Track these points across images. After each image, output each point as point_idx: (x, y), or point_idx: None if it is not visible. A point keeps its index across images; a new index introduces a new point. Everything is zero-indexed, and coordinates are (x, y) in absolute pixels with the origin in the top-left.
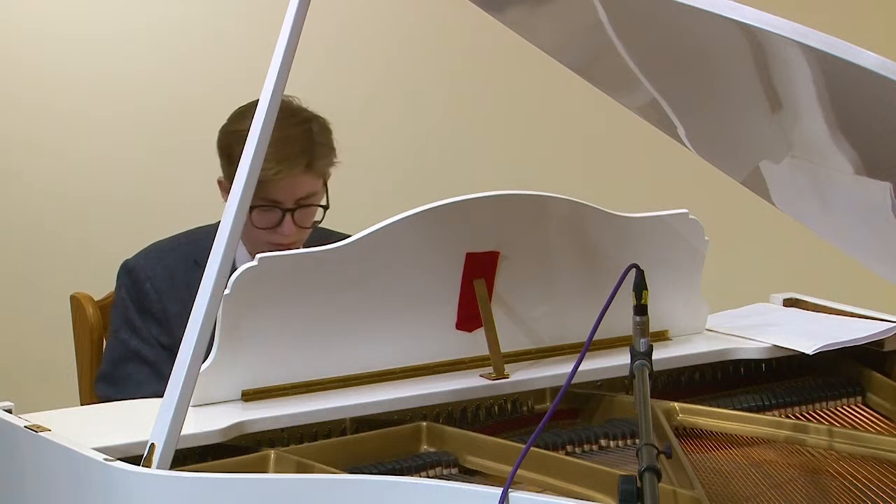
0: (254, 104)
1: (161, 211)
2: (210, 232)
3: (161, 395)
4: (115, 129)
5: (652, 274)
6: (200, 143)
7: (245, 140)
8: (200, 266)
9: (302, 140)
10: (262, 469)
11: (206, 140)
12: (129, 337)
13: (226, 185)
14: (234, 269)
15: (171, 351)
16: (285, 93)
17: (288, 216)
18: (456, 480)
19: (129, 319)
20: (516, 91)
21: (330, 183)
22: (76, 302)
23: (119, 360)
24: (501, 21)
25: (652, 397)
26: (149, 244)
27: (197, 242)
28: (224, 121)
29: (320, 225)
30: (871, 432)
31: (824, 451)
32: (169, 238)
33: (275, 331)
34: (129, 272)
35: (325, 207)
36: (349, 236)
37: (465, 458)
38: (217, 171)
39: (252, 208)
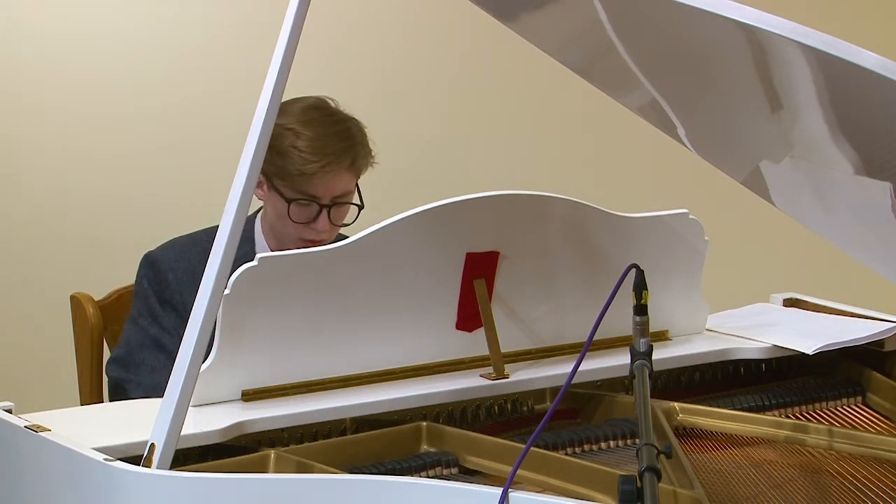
0: (288, 101)
1: (162, 211)
2: None
3: None
4: (115, 129)
5: (652, 274)
6: (201, 143)
7: (280, 134)
8: None
9: (343, 138)
10: (262, 469)
11: (207, 140)
12: (150, 324)
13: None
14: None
15: None
16: (322, 94)
17: (324, 212)
18: (456, 480)
19: (150, 307)
20: (516, 91)
21: (360, 183)
22: (76, 302)
23: (137, 345)
24: (501, 21)
25: (652, 397)
26: (167, 239)
27: None
28: (224, 121)
29: None
30: (871, 432)
31: (824, 451)
32: (190, 234)
33: (275, 331)
34: (151, 263)
35: (361, 206)
36: (347, 237)
37: (465, 458)
38: (218, 171)
39: (290, 202)
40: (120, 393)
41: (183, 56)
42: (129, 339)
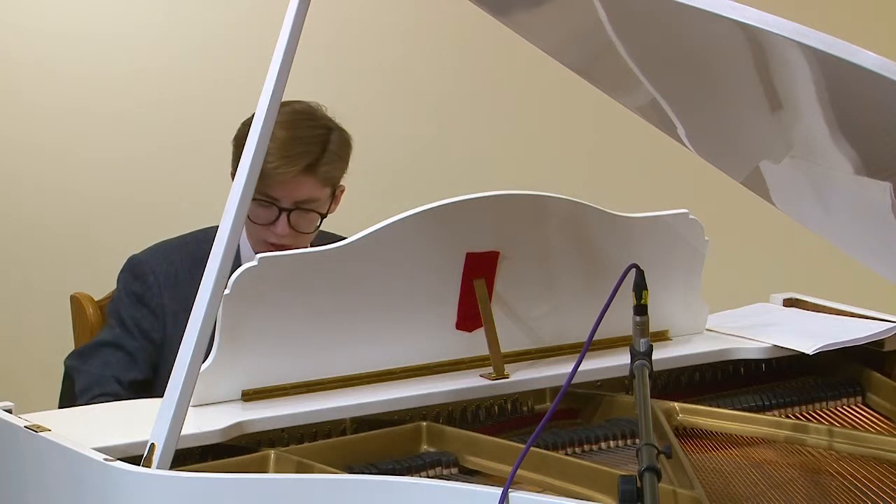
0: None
1: (161, 211)
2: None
3: (129, 382)
4: (115, 128)
5: (652, 274)
6: (201, 143)
7: None
8: (205, 266)
9: (311, 143)
10: (262, 469)
11: (207, 140)
12: (116, 324)
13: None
14: (238, 263)
15: (160, 346)
16: (317, 102)
17: (283, 216)
18: (456, 480)
19: (119, 314)
20: (516, 91)
21: (345, 197)
22: (76, 302)
23: (99, 342)
24: (501, 21)
25: (652, 397)
26: (155, 242)
27: (204, 243)
28: (224, 122)
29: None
30: (871, 432)
31: (824, 451)
32: (177, 237)
33: (275, 331)
34: (132, 266)
35: (323, 215)
36: (345, 237)
37: (465, 458)
38: (218, 172)
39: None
40: (69, 382)
41: (184, 56)
42: (97, 338)
